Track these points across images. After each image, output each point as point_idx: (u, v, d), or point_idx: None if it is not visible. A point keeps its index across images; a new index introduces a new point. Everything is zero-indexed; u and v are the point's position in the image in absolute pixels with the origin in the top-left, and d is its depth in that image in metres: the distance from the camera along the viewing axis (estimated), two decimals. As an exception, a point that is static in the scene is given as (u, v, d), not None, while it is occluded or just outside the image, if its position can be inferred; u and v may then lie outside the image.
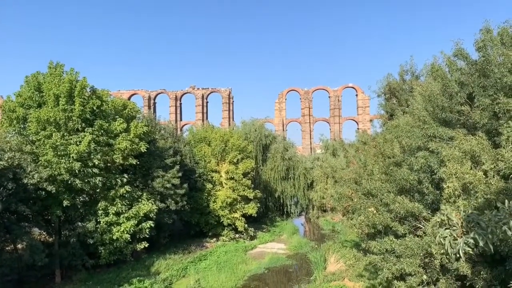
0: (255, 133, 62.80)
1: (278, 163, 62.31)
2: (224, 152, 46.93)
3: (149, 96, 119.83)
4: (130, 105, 37.03)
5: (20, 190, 25.71)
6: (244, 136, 57.56)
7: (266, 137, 64.23)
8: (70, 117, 29.74)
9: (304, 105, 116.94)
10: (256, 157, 60.36)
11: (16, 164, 25.58)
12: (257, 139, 62.24)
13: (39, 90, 31.00)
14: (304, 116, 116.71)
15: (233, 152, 46.58)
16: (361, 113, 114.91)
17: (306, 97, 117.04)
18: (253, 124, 65.08)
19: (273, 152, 62.96)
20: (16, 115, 30.19)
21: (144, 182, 36.41)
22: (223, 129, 58.86)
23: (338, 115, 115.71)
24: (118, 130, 32.31)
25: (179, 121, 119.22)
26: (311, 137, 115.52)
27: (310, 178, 63.90)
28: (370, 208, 23.10)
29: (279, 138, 71.52)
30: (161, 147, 40.13)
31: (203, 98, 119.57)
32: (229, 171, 46.04)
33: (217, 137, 47.90)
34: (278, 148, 63.47)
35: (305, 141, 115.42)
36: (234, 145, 47.16)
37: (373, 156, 28.15)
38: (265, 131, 65.45)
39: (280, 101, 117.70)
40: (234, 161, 46.44)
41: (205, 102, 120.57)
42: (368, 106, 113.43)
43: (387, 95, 43.59)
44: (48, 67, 32.32)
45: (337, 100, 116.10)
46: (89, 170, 29.59)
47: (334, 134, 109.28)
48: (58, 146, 28.45)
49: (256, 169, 57.10)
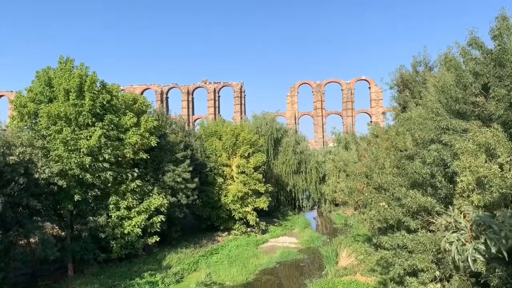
0: (267, 126, 62.48)
1: (289, 156, 61.95)
2: (235, 146, 46.77)
3: (161, 90, 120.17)
4: (141, 99, 37.01)
5: (31, 185, 25.86)
6: (255, 130, 57.32)
7: (277, 130, 63.85)
8: (80, 112, 29.83)
9: (316, 98, 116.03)
10: (268, 151, 60.07)
11: (27, 159, 25.72)
12: (268, 132, 61.92)
13: (49, 85, 31.14)
14: (316, 109, 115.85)
15: (244, 146, 46.39)
16: (374, 106, 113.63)
17: (318, 90, 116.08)
18: (264, 118, 64.74)
19: (284, 145, 62.59)
20: (27, 110, 30.41)
21: (155, 177, 36.45)
22: (234, 123, 58.70)
23: (351, 108, 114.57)
24: (129, 125, 32.33)
25: (191, 115, 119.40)
26: (324, 130, 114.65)
27: (322, 172, 63.43)
28: (382, 202, 22.65)
29: (291, 131, 71.08)
30: (172, 141, 40.11)
31: (215, 92, 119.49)
32: (240, 165, 45.89)
33: (228, 131, 47.72)
34: (290, 141, 63.07)
35: (317, 134, 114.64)
36: (245, 139, 46.94)
37: (385, 150, 27.64)
38: (276, 125, 65.07)
39: (292, 95, 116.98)
40: (245, 155, 46.25)
41: (217, 96, 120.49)
42: (381, 98, 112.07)
43: (400, 87, 42.74)
44: (59, 62, 32.45)
45: (350, 93, 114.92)
46: (99, 165, 29.71)
47: (346, 127, 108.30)
48: (68, 141, 28.59)
49: (268, 163, 56.86)
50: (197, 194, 40.77)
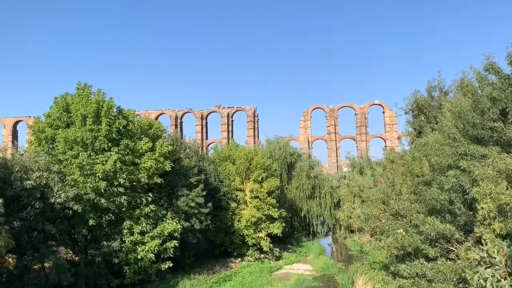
0: (280, 151, 62.32)
1: (303, 181, 61.44)
2: (248, 171, 46.64)
3: (176, 115, 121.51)
4: (156, 124, 37.42)
5: (47, 209, 26.08)
6: (268, 154, 57.19)
7: (291, 155, 63.60)
8: (96, 137, 30.22)
9: (330, 122, 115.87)
10: (281, 175, 59.72)
11: (44, 184, 26.04)
12: (281, 157, 61.70)
13: (67, 110, 31.74)
14: (330, 133, 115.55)
15: (257, 170, 46.23)
16: (388, 131, 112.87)
17: (332, 114, 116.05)
18: (277, 142, 64.66)
19: (298, 170, 62.20)
20: (45, 135, 30.93)
21: (168, 201, 36.42)
22: (247, 147, 58.73)
23: (365, 133, 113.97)
24: (144, 150, 32.59)
25: (205, 139, 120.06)
26: (337, 155, 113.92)
27: (336, 197, 62.64)
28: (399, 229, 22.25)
29: (304, 156, 70.72)
30: (185, 165, 40.22)
31: (228, 117, 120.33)
32: (253, 190, 45.64)
33: (241, 156, 47.70)
34: (303, 166, 62.68)
35: (331, 159, 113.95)
36: (258, 163, 46.82)
37: (401, 175, 27.27)
38: (290, 149, 64.86)
39: (305, 119, 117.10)
40: (258, 179, 46.04)
41: (230, 120, 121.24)
42: (395, 123, 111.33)
43: (415, 112, 42.54)
44: (76, 88, 33.15)
45: (364, 117, 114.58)
46: (114, 189, 29.85)
47: (361, 152, 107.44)
48: (84, 165, 28.88)
49: (281, 188, 56.44)
50: (210, 219, 40.53)
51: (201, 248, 45.36)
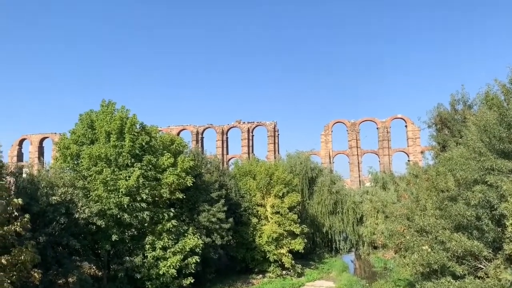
0: (301, 166, 61.99)
1: (325, 196, 60.82)
2: (269, 186, 46.51)
3: (197, 131, 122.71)
4: (178, 140, 37.88)
5: (72, 224, 26.54)
6: (289, 169, 56.94)
7: (312, 170, 63.18)
8: (120, 153, 30.75)
9: (351, 137, 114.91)
10: (302, 190, 59.30)
11: (68, 199, 26.55)
12: (302, 172, 61.34)
13: (92, 127, 32.48)
14: (352, 148, 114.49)
15: (278, 185, 46.06)
16: (411, 145, 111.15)
17: (353, 128, 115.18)
18: (298, 157, 64.38)
19: (319, 185, 61.66)
20: (70, 151, 31.66)
21: (190, 216, 36.57)
22: (268, 162, 58.64)
23: (387, 147, 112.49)
24: (166, 165, 32.93)
25: (226, 154, 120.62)
26: (360, 169, 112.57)
27: (359, 212, 61.69)
28: (424, 246, 21.72)
29: (326, 171, 70.15)
30: (207, 181, 40.41)
31: (248, 132, 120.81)
32: (274, 205, 45.42)
33: (262, 171, 47.66)
34: (325, 181, 62.12)
35: (353, 174, 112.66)
36: (279, 178, 46.67)
37: (426, 190, 26.73)
38: (311, 164, 64.47)
39: (326, 133, 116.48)
40: (279, 194, 45.83)
41: (250, 135, 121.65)
42: (418, 137, 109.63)
43: (438, 126, 41.85)
44: (101, 105, 33.93)
45: (386, 131, 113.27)
46: (137, 205, 30.19)
47: (383, 167, 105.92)
48: (108, 181, 29.36)
49: (303, 203, 55.99)
50: (231, 234, 40.44)
51: (223, 264, 45.19)
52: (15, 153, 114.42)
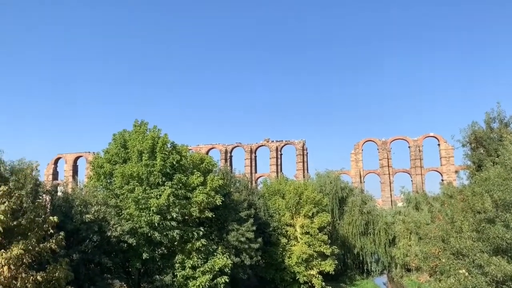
0: (331, 185, 61.24)
1: (356, 217, 59.64)
2: (298, 205, 46.10)
3: (225, 149, 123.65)
4: (207, 159, 38.22)
5: (104, 242, 26.98)
6: (319, 189, 56.36)
7: (342, 189, 62.27)
8: (151, 171, 31.26)
9: (382, 156, 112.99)
10: (332, 210, 58.43)
11: (101, 217, 27.09)
12: (332, 191, 60.54)
13: (124, 146, 33.25)
14: (383, 167, 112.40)
15: (307, 205, 45.59)
16: (444, 164, 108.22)
17: (384, 147, 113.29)
18: (328, 176, 63.69)
19: (350, 205, 60.61)
20: (104, 170, 32.44)
21: (219, 236, 36.54)
22: (297, 181, 58.25)
23: (420, 166, 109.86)
24: (196, 184, 33.19)
25: (254, 173, 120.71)
26: (391, 189, 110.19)
27: (391, 233, 60.06)
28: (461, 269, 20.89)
29: (356, 190, 69.00)
30: (235, 200, 40.43)
31: (277, 151, 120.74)
32: (304, 225, 44.88)
33: (291, 190, 47.36)
34: (356, 201, 61.04)
35: (385, 193, 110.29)
36: (308, 198, 46.22)
37: (461, 211, 25.82)
38: (341, 183, 63.61)
39: (356, 152, 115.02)
40: (309, 214, 45.31)
41: (279, 154, 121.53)
42: (452, 156, 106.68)
43: (473, 145, 40.53)
44: (133, 125, 34.78)
45: (418, 150, 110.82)
46: (167, 223, 30.43)
47: (416, 186, 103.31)
48: (140, 199, 29.80)
49: (333, 223, 55.08)
50: (260, 254, 40.08)
51: (252, 284, 44.72)
52: (50, 171, 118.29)
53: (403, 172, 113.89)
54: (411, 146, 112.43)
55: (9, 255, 17.24)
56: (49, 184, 32.18)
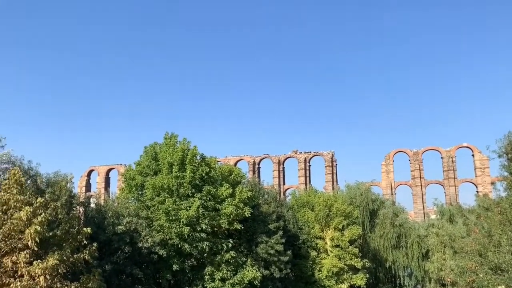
0: (361, 197, 60.19)
1: (387, 230, 58.24)
2: (328, 218, 45.49)
3: (253, 161, 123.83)
4: (236, 171, 38.37)
5: (135, 253, 27.37)
6: (349, 201, 55.49)
7: (373, 201, 61.08)
8: (181, 183, 31.64)
9: (414, 167, 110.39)
10: (363, 223, 57.33)
11: (133, 229, 27.53)
12: (363, 203, 59.46)
13: (155, 159, 33.85)
14: (415, 178, 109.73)
15: (338, 217, 44.93)
16: (479, 175, 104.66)
17: (416, 158, 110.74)
18: (358, 188, 62.66)
19: (381, 217, 59.30)
20: (135, 182, 33.08)
21: (248, 248, 36.43)
22: (326, 193, 57.59)
23: (453, 177, 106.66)
24: (224, 195, 33.35)
25: (282, 185, 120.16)
26: (423, 201, 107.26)
27: (424, 247, 58.27)
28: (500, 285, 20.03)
29: (388, 202, 67.52)
30: (264, 211, 40.29)
31: (305, 162, 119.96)
32: (334, 238, 44.20)
33: (320, 202, 46.83)
34: (387, 213, 59.68)
35: (417, 205, 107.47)
36: (338, 210, 45.56)
37: (499, 224, 24.85)
38: (371, 195, 62.43)
39: (387, 163, 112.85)
40: (339, 227, 44.63)
41: (307, 165, 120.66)
42: (487, 167, 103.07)
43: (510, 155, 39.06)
44: (164, 138, 35.41)
45: (451, 161, 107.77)
46: (197, 235, 30.63)
47: (449, 198, 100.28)
48: (170, 211, 30.17)
49: (364, 236, 54.01)
50: (290, 267, 39.66)
51: (281, 297, 44.18)
52: (84, 183, 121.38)
53: (435, 183, 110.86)
54: (443, 157, 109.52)
55: (45, 265, 17.73)
56: (82, 195, 33.04)
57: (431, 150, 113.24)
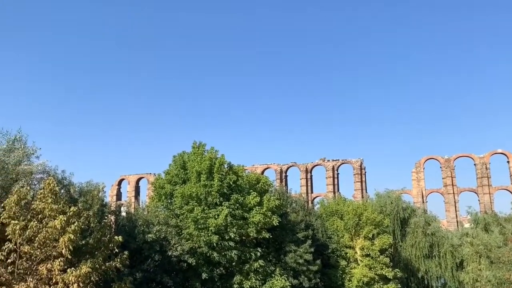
0: (391, 205, 58.89)
1: (419, 239, 56.68)
2: (358, 227, 44.72)
3: (280, 169, 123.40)
4: (263, 179, 38.32)
5: (165, 262, 27.64)
6: (379, 209, 54.40)
7: (404, 210, 59.65)
8: (209, 192, 31.83)
9: (446, 174, 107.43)
10: (394, 232, 56.01)
11: (162, 237, 27.82)
12: (393, 212, 58.15)
13: (184, 168, 34.22)
14: (447, 186, 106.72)
15: (367, 226, 44.09)
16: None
17: (448, 165, 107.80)
18: (388, 196, 61.36)
19: (413, 226, 57.80)
20: (165, 191, 33.50)
21: (276, 257, 36.18)
22: (355, 202, 56.69)
23: (488, 185, 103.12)
24: (252, 204, 33.31)
25: (310, 193, 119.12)
26: (456, 209, 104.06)
27: (458, 256, 56.37)
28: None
29: (419, 211, 65.81)
30: (292, 220, 39.97)
31: (333, 170, 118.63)
32: (364, 247, 43.36)
33: (349, 210, 46.12)
34: (419, 222, 58.13)
35: (450, 214, 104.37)
36: (368, 219, 44.74)
37: (540, 234, 23.76)
38: (402, 204, 60.98)
39: (418, 171, 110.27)
40: (369, 236, 43.79)
41: (335, 173, 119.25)
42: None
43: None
44: (192, 147, 35.77)
45: (485, 168, 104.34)
46: (225, 243, 30.69)
47: (484, 206, 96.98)
48: (199, 219, 30.36)
49: (395, 245, 52.77)
50: (319, 277, 39.10)
51: (310, 307, 43.58)
52: (114, 192, 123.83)
53: (469, 191, 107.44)
54: (477, 164, 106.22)
55: (78, 273, 18.10)
56: (113, 204, 33.71)
57: (464, 157, 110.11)
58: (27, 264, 18.82)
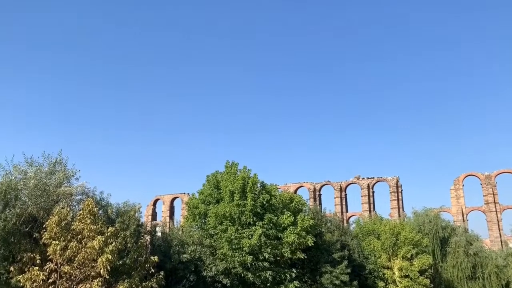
0: (430, 224, 56.94)
1: (461, 259, 54.33)
2: (395, 246, 43.43)
3: (314, 188, 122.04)
4: (297, 198, 38.02)
5: (200, 282, 27.63)
6: (417, 228, 52.74)
7: (443, 229, 57.53)
8: (243, 211, 31.82)
9: (487, 191, 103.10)
10: (433, 252, 53.99)
11: (197, 257, 27.90)
12: (432, 231, 56.16)
13: (217, 187, 34.44)
14: (488, 204, 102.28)
15: (406, 246, 42.76)
16: None
17: (488, 182, 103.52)
18: (426, 215, 59.42)
19: (453, 246, 55.53)
20: (199, 211, 33.76)
21: (312, 278, 35.53)
22: (392, 221, 55.20)
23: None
24: (286, 224, 33.01)
25: (345, 212, 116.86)
26: (500, 228, 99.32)
27: (504, 278, 53.57)
28: None
29: (460, 229, 63.27)
30: (328, 240, 39.27)
31: (368, 188, 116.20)
32: (402, 268, 41.97)
33: (386, 230, 44.94)
34: (460, 241, 55.84)
35: (493, 233, 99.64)
36: (406, 238, 43.41)
37: None
38: (441, 222, 58.88)
39: (457, 188, 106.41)
40: (407, 256, 42.41)
41: (371, 192, 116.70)
42: None
43: None
44: (225, 166, 36.03)
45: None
46: (260, 264, 30.42)
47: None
48: (233, 239, 30.30)
49: (434, 266, 50.75)
50: (356, 298, 38.02)
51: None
52: (150, 212, 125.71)
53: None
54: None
55: (116, 293, 18.35)
56: (149, 224, 34.17)
57: (506, 173, 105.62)
58: (67, 284, 19.30)
